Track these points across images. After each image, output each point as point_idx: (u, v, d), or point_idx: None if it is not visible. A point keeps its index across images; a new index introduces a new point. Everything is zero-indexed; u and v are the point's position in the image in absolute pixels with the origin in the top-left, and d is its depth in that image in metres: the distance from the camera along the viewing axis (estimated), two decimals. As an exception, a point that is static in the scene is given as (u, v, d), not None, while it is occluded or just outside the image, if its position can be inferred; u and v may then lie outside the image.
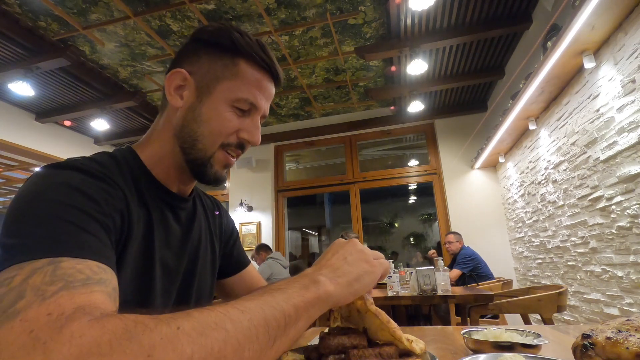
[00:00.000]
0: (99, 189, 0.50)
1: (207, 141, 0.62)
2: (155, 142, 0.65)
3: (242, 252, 0.88)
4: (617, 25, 1.92)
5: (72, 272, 0.37)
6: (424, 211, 8.56)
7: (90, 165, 0.53)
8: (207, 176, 0.64)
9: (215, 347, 0.33)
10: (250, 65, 0.63)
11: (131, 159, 0.62)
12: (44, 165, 0.51)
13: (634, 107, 1.83)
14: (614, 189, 2.06)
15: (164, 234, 0.63)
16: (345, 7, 3.04)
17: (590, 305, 2.45)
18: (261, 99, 0.64)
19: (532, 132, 3.21)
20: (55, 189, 0.46)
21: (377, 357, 0.44)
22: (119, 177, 0.56)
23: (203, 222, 0.75)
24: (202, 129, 0.61)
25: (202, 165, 0.63)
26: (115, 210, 0.51)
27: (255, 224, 5.08)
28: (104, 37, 3.22)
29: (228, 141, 0.63)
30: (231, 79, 0.62)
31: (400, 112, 4.70)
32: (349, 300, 0.47)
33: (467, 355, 0.51)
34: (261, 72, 0.64)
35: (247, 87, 0.62)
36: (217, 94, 0.61)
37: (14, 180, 6.31)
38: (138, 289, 0.56)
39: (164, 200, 0.64)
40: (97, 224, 0.46)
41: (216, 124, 0.61)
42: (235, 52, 0.62)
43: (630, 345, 0.40)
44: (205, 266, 0.74)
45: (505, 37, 3.38)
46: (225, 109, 0.62)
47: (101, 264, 0.42)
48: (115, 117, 4.66)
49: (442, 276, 2.27)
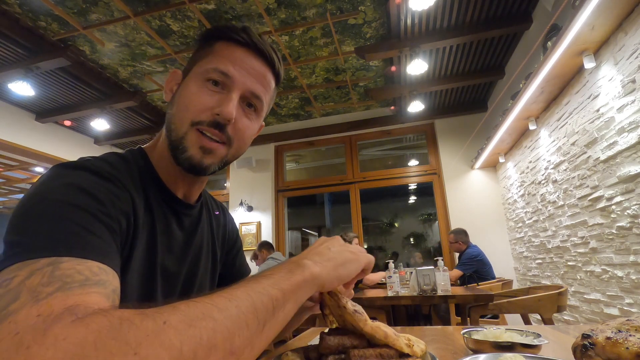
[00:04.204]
0: (106, 190, 0.50)
1: (176, 120, 0.59)
2: (159, 142, 0.66)
3: (244, 262, 0.88)
4: (617, 25, 1.92)
5: (71, 273, 0.37)
6: (424, 211, 8.55)
7: (100, 166, 0.53)
8: (181, 160, 0.59)
9: (204, 337, 0.32)
10: (226, 44, 0.62)
11: (141, 161, 0.63)
12: (55, 165, 0.51)
13: (634, 107, 1.83)
14: (614, 189, 2.06)
15: (166, 239, 0.63)
16: (345, 7, 3.04)
17: (590, 305, 2.45)
18: (236, 70, 0.60)
19: (532, 132, 3.21)
20: (62, 189, 0.46)
21: (377, 357, 0.44)
22: (128, 179, 0.56)
23: (206, 229, 0.75)
24: (174, 110, 0.61)
25: (176, 149, 0.59)
26: (121, 213, 0.51)
27: (255, 224, 5.08)
28: (104, 37, 3.22)
29: (199, 119, 0.58)
30: (205, 58, 0.62)
31: (400, 112, 4.70)
32: (335, 285, 0.48)
33: (467, 355, 0.51)
34: (240, 48, 0.62)
35: (218, 59, 0.60)
36: (192, 75, 0.62)
37: (14, 180, 6.31)
38: (142, 294, 0.56)
39: (169, 205, 0.64)
40: (101, 225, 0.46)
41: (184, 101, 0.60)
42: (214, 37, 0.63)
43: (630, 345, 0.40)
44: (206, 272, 0.74)
45: (505, 37, 3.38)
46: (195, 84, 0.60)
47: (103, 265, 0.41)
48: (115, 117, 4.66)
49: (442, 276, 2.27)
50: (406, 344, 0.45)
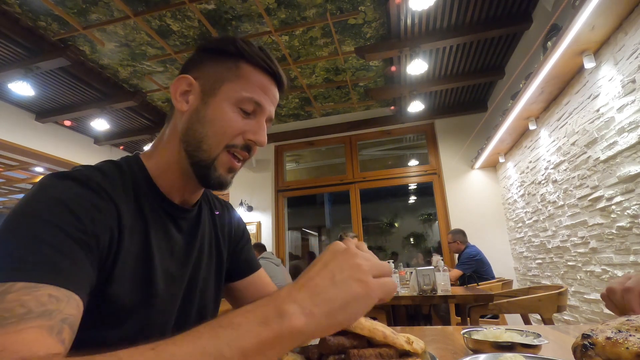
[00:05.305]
0: (89, 204, 0.51)
1: (211, 142, 0.61)
2: (162, 150, 0.66)
3: (252, 256, 0.87)
4: (617, 25, 1.92)
5: (12, 307, 0.37)
6: (424, 211, 8.55)
7: (90, 176, 0.54)
8: (211, 180, 0.63)
9: None
10: (253, 68, 0.64)
11: (137, 168, 0.63)
12: (49, 174, 0.52)
13: (634, 107, 1.83)
14: (614, 189, 2.06)
15: (165, 243, 0.63)
16: (345, 7, 3.04)
17: (590, 305, 2.45)
18: (266, 100, 0.64)
19: (532, 132, 3.21)
20: (44, 204, 0.47)
21: (377, 357, 0.44)
22: (119, 188, 0.57)
23: (208, 228, 0.75)
24: (206, 130, 0.62)
25: (205, 168, 0.62)
26: (103, 229, 0.51)
27: (255, 224, 5.08)
28: (104, 37, 3.22)
29: (233, 142, 0.62)
30: (235, 81, 0.62)
31: (400, 112, 4.70)
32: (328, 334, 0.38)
33: (467, 355, 0.51)
34: (264, 76, 0.65)
35: (251, 87, 0.63)
36: (221, 95, 0.62)
37: (14, 180, 6.31)
38: (139, 297, 0.57)
39: (165, 210, 0.65)
40: (73, 244, 0.46)
41: (220, 124, 0.61)
42: (238, 57, 0.63)
43: (630, 345, 0.40)
44: (210, 273, 0.74)
45: (505, 37, 3.38)
46: (230, 109, 0.62)
47: (59, 290, 0.41)
48: (115, 117, 4.66)
49: (442, 276, 2.27)
50: (406, 341, 0.46)
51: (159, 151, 0.66)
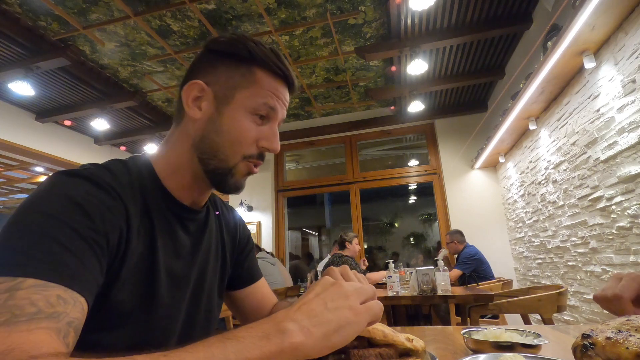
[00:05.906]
0: (100, 203, 0.50)
1: (228, 152, 0.62)
2: (171, 151, 0.65)
3: (255, 265, 0.86)
4: (618, 25, 1.92)
5: (23, 305, 0.37)
6: (424, 211, 8.55)
7: (99, 174, 0.53)
8: (228, 185, 0.64)
9: None
10: (266, 73, 0.63)
11: (144, 169, 0.63)
12: (58, 171, 0.52)
13: (634, 107, 1.83)
14: (614, 189, 2.06)
15: (171, 244, 0.63)
16: (345, 7, 3.04)
17: (590, 305, 2.45)
18: (279, 104, 0.65)
19: (532, 132, 3.21)
20: (55, 201, 0.47)
21: (377, 357, 0.44)
22: (127, 187, 0.57)
23: (215, 232, 0.75)
24: (222, 140, 0.61)
25: (223, 175, 0.63)
26: (112, 228, 0.51)
27: (255, 224, 5.08)
28: (104, 36, 3.22)
29: (250, 152, 0.63)
30: (249, 87, 0.62)
31: (400, 112, 4.70)
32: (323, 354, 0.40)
33: (467, 355, 0.51)
34: (277, 80, 0.64)
35: (265, 93, 0.62)
36: (236, 103, 0.62)
37: (14, 180, 6.31)
38: (141, 299, 0.56)
39: (172, 211, 0.64)
40: (84, 244, 0.46)
41: (236, 134, 0.61)
42: (251, 61, 0.62)
43: (630, 345, 0.40)
44: (215, 276, 0.74)
45: (505, 37, 3.38)
46: (245, 117, 0.62)
47: (68, 291, 0.41)
48: (115, 117, 4.66)
49: (442, 276, 2.27)
50: (406, 339, 0.46)
51: (167, 152, 0.66)
